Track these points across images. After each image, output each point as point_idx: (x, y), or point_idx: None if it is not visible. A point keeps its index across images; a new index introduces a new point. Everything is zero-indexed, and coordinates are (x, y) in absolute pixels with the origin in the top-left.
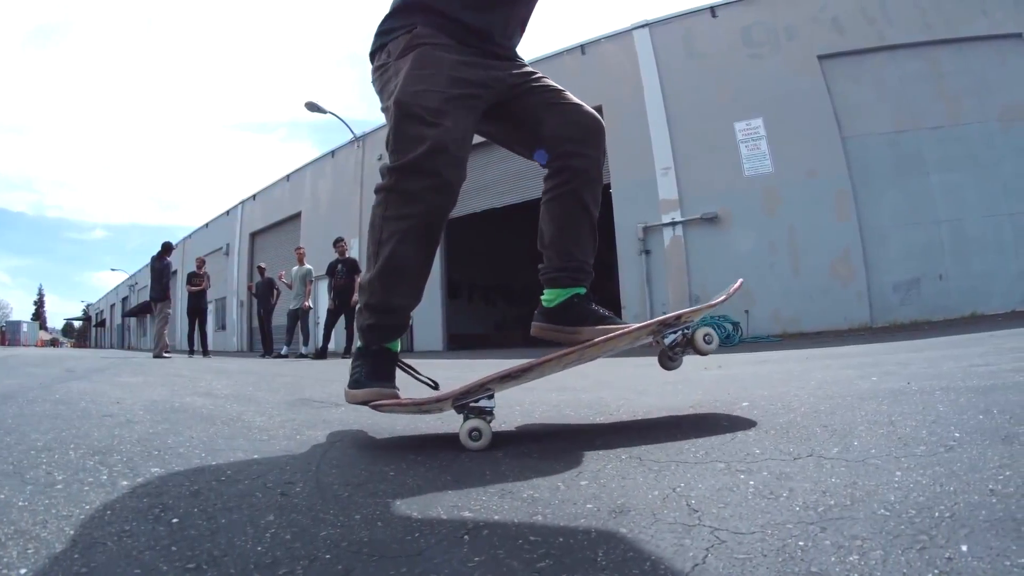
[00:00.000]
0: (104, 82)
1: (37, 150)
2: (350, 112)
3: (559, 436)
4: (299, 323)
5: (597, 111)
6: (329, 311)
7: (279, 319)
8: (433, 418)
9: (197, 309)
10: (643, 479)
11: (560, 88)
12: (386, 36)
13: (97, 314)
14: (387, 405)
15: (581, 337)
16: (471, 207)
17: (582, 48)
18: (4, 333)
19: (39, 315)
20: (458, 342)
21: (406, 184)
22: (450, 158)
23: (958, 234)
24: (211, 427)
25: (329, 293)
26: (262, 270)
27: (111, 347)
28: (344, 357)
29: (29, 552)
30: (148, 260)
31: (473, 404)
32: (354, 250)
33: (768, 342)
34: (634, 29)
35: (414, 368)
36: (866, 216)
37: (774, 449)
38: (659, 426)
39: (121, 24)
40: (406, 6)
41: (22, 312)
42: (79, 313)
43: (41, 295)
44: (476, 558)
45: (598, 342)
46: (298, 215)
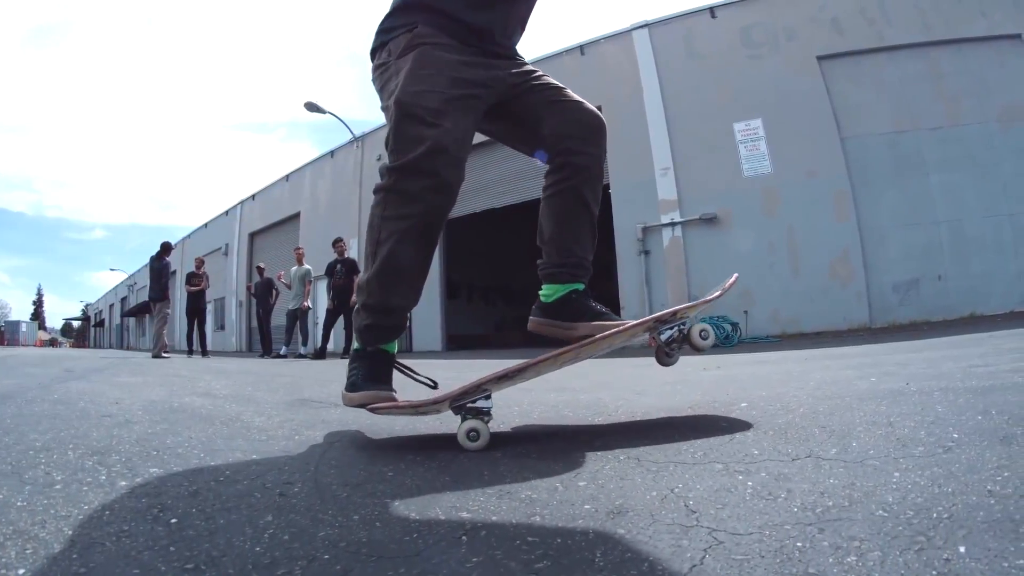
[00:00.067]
0: (104, 82)
1: (37, 150)
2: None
3: (557, 437)
4: (298, 323)
5: None
6: (328, 311)
7: (278, 319)
8: (431, 419)
9: (196, 309)
10: (641, 480)
11: (561, 86)
12: (387, 35)
13: (96, 314)
14: (384, 408)
15: (577, 333)
16: (470, 207)
17: (581, 48)
18: (3, 333)
19: (38, 315)
20: (457, 342)
21: (405, 184)
22: (450, 158)
23: (957, 234)
24: (210, 427)
25: (328, 293)
26: (261, 270)
27: (110, 347)
28: (343, 357)
29: (28, 552)
30: (147, 260)
31: (470, 405)
32: (353, 250)
33: (767, 342)
34: (633, 30)
35: (412, 369)
36: (865, 216)
37: (772, 450)
38: (658, 427)
39: (121, 24)
40: (407, 5)
41: (21, 312)
42: (78, 313)
43: (40, 295)
44: (474, 559)
45: (594, 340)
46: (297, 215)
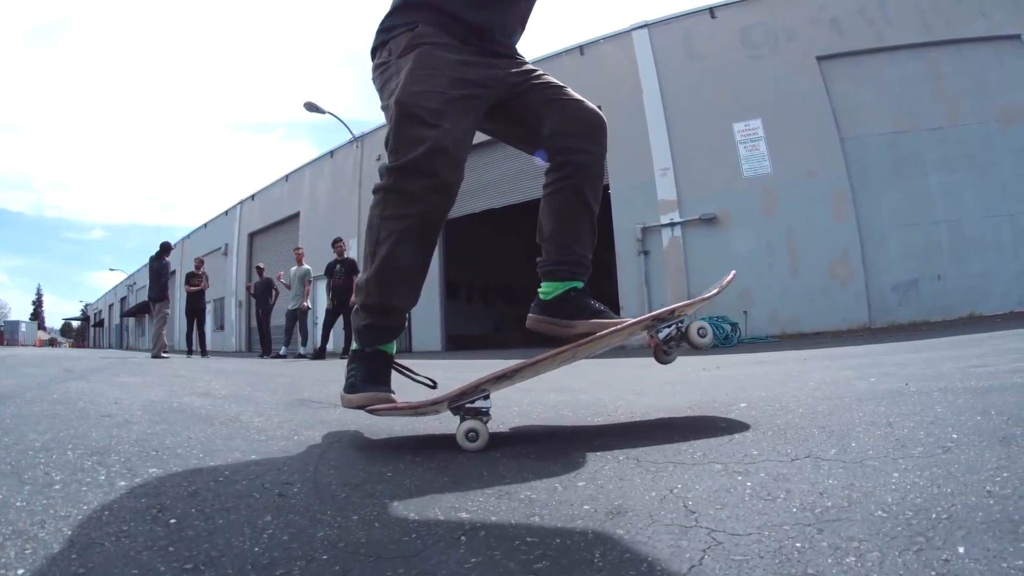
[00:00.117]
0: (103, 82)
1: (36, 150)
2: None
3: (557, 437)
4: (297, 323)
5: None
6: (327, 311)
7: (277, 319)
8: (431, 419)
9: (195, 309)
10: (640, 480)
11: (561, 85)
12: (387, 33)
13: (95, 314)
14: (383, 409)
15: (575, 330)
16: (470, 207)
17: (581, 49)
18: (2, 333)
19: (37, 315)
20: (457, 343)
21: (405, 184)
22: (449, 159)
23: (957, 235)
24: (209, 427)
25: (327, 293)
26: (260, 270)
27: (109, 347)
28: (342, 357)
29: (27, 552)
30: (147, 260)
31: (469, 405)
32: (352, 250)
33: (766, 343)
34: (633, 30)
35: (410, 369)
36: (865, 217)
37: (772, 450)
38: (657, 427)
39: (120, 24)
40: (407, 4)
41: (20, 312)
42: (77, 313)
43: (39, 295)
44: (473, 559)
45: (592, 340)
46: (297, 215)
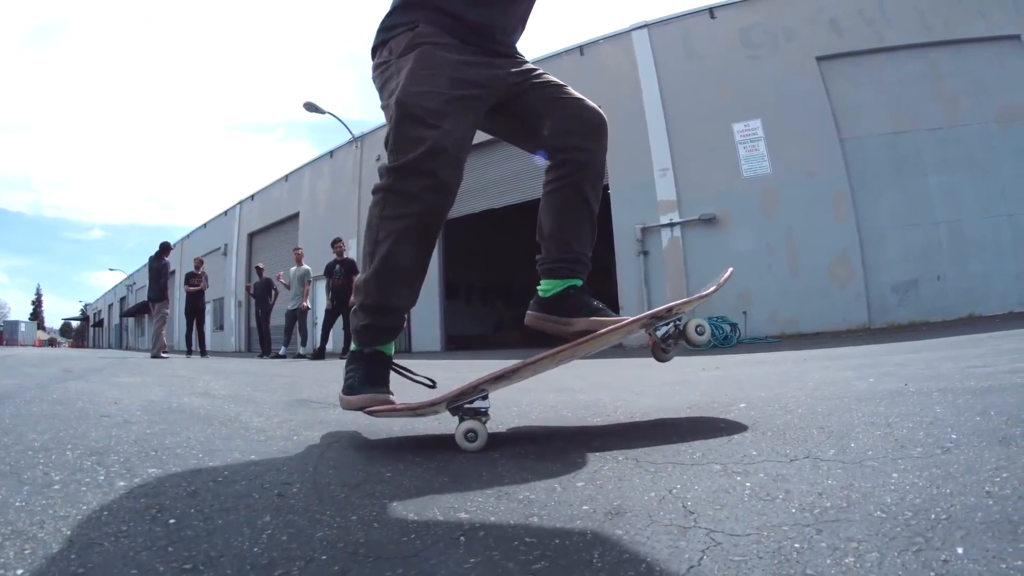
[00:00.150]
0: (103, 82)
1: (35, 149)
2: (349, 112)
3: (556, 437)
4: (297, 323)
5: None
6: (327, 311)
7: (277, 319)
8: (430, 419)
9: (195, 309)
10: (640, 481)
11: (562, 83)
12: (388, 33)
13: (95, 314)
14: (382, 411)
15: (573, 328)
16: (469, 208)
17: (581, 49)
18: (2, 333)
19: (37, 315)
20: (456, 343)
21: (404, 184)
22: (449, 159)
23: (956, 235)
24: (208, 428)
25: (327, 293)
26: (260, 270)
27: (109, 347)
28: (341, 357)
29: (26, 552)
30: (146, 260)
31: (468, 406)
32: (352, 251)
33: (766, 343)
34: (633, 30)
35: (409, 369)
36: (864, 217)
37: (771, 451)
38: (656, 427)
39: (120, 24)
40: (408, 3)
41: (20, 312)
42: (77, 313)
43: (39, 295)
44: (472, 559)
45: (589, 339)
46: (296, 215)
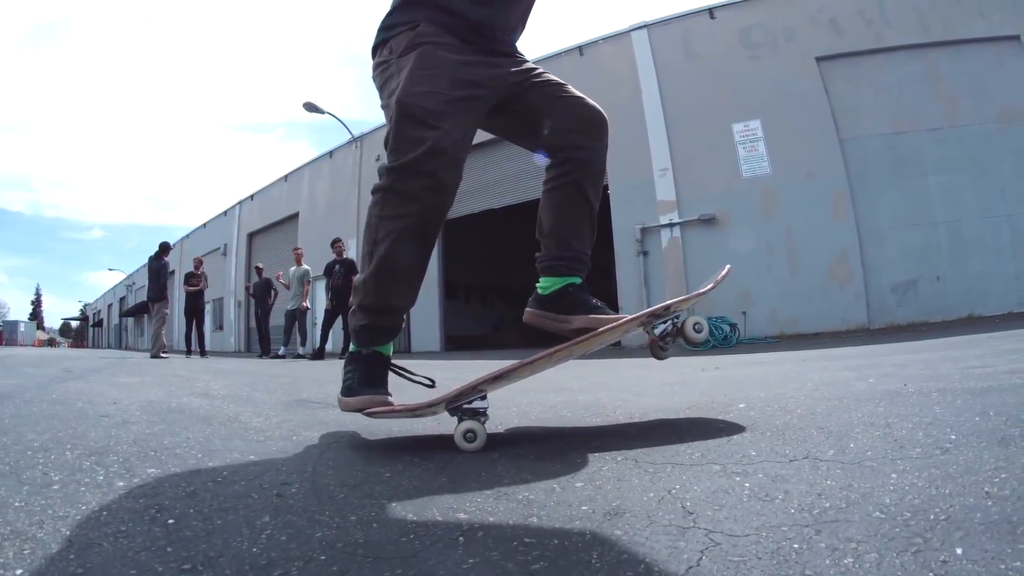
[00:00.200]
0: (102, 81)
1: (35, 149)
2: (348, 113)
3: (555, 437)
4: (296, 324)
5: None
6: (326, 312)
7: (276, 319)
8: (429, 419)
9: (194, 309)
10: (639, 481)
11: (562, 82)
12: (389, 31)
13: (94, 314)
14: (380, 412)
15: (572, 326)
16: (469, 208)
17: (580, 49)
18: (1, 333)
19: (36, 315)
20: (456, 343)
21: (403, 184)
22: (449, 159)
23: (956, 235)
24: (208, 428)
25: (326, 293)
26: (260, 270)
27: (108, 347)
28: (341, 357)
29: (25, 553)
30: (146, 260)
31: (466, 406)
32: (351, 251)
33: (765, 343)
34: (632, 30)
35: (407, 369)
36: (864, 217)
37: (770, 451)
38: (655, 428)
39: (120, 24)
40: (409, 1)
41: (19, 312)
42: (76, 313)
43: (38, 295)
44: (471, 560)
45: (587, 338)
46: (296, 215)
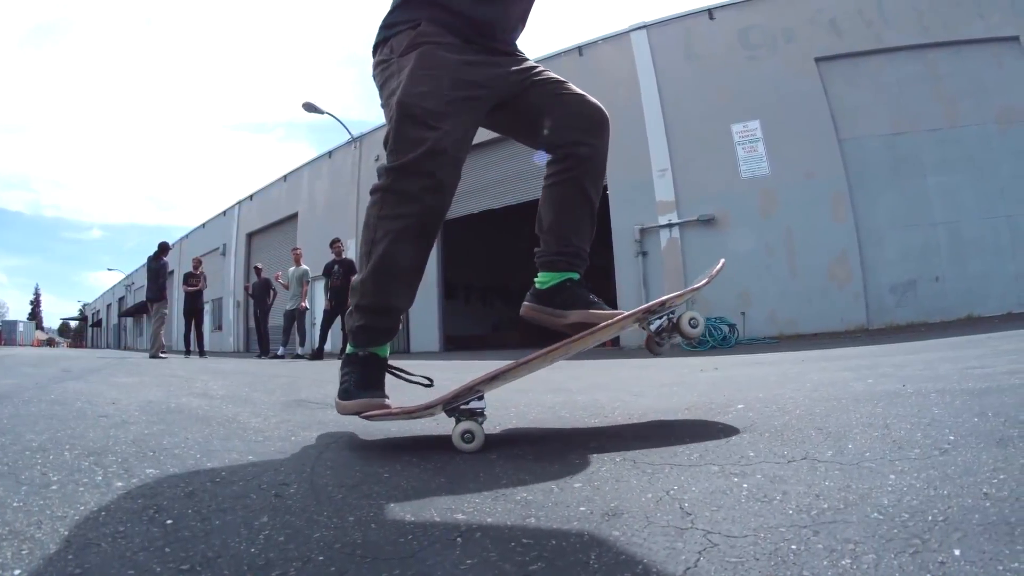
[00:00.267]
0: (102, 81)
1: (34, 149)
2: (348, 113)
3: (553, 438)
4: (295, 324)
5: None
6: (325, 312)
7: (276, 320)
8: (427, 420)
9: (193, 309)
10: (637, 482)
11: (563, 80)
12: (389, 30)
13: (93, 314)
14: (378, 415)
15: (567, 320)
16: (469, 208)
17: (579, 50)
18: (0, 333)
19: (35, 315)
20: (455, 343)
21: (403, 184)
22: (449, 160)
23: (955, 236)
24: (206, 428)
25: (325, 294)
26: (259, 270)
27: (107, 347)
28: (340, 358)
29: (24, 553)
30: (145, 260)
31: (464, 407)
32: (351, 251)
33: (764, 344)
34: (632, 31)
35: (405, 371)
36: (863, 218)
37: (768, 452)
38: (654, 428)
39: (120, 24)
40: (410, 0)
41: (18, 312)
42: (75, 313)
43: (37, 295)
44: (469, 560)
45: (583, 336)
46: (295, 216)
